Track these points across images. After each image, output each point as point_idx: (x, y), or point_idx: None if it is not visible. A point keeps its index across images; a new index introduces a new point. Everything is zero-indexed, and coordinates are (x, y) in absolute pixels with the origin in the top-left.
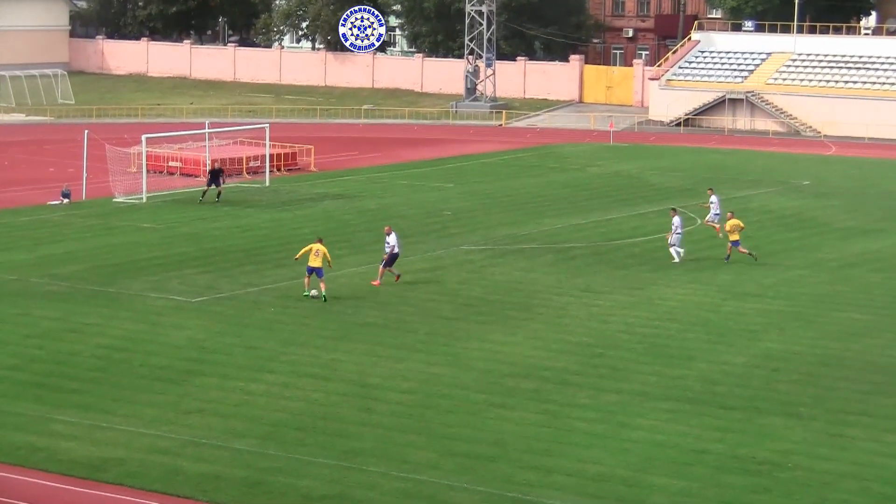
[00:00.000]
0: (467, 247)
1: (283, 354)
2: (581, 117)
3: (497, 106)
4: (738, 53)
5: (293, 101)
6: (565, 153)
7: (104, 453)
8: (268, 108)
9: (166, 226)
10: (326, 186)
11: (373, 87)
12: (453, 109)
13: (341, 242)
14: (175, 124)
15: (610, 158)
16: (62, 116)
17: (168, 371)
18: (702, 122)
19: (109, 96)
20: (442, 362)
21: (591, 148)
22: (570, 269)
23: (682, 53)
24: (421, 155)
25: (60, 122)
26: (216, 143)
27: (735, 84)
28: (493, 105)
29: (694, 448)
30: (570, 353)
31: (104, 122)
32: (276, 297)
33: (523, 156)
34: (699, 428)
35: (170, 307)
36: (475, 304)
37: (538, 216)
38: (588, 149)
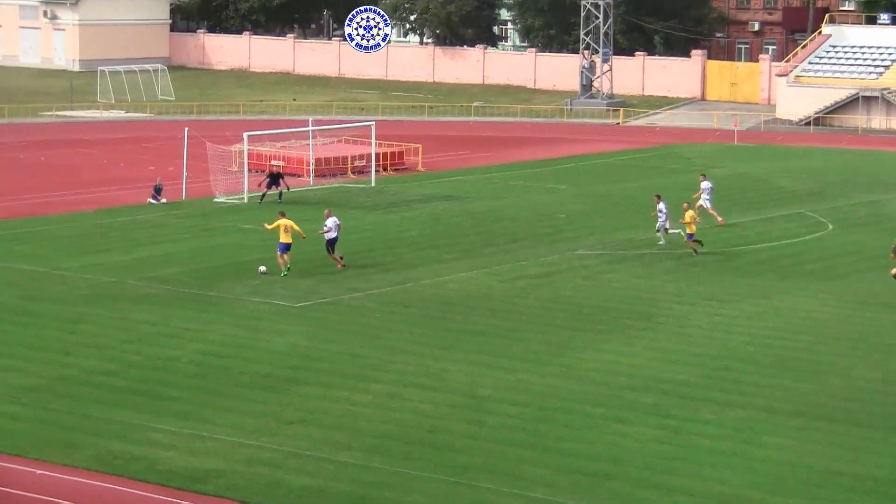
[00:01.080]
0: (582, 252)
1: (389, 363)
2: (703, 116)
3: (614, 103)
4: (873, 48)
5: (400, 97)
6: (686, 154)
7: (204, 464)
8: (374, 105)
9: None
10: (434, 187)
11: (483, 83)
12: (568, 107)
13: (450, 246)
14: (278, 121)
15: (734, 159)
16: (162, 113)
17: (269, 379)
18: (833, 121)
19: (210, 92)
20: (556, 374)
21: (714, 148)
22: (692, 277)
23: (812, 48)
24: (534, 155)
25: (160, 119)
26: (320, 142)
27: (870, 81)
28: (610, 103)
29: (827, 469)
30: (692, 365)
31: (205, 119)
32: (382, 302)
33: (642, 156)
34: (832, 447)
35: (271, 312)
36: (591, 312)
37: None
38: (711, 149)
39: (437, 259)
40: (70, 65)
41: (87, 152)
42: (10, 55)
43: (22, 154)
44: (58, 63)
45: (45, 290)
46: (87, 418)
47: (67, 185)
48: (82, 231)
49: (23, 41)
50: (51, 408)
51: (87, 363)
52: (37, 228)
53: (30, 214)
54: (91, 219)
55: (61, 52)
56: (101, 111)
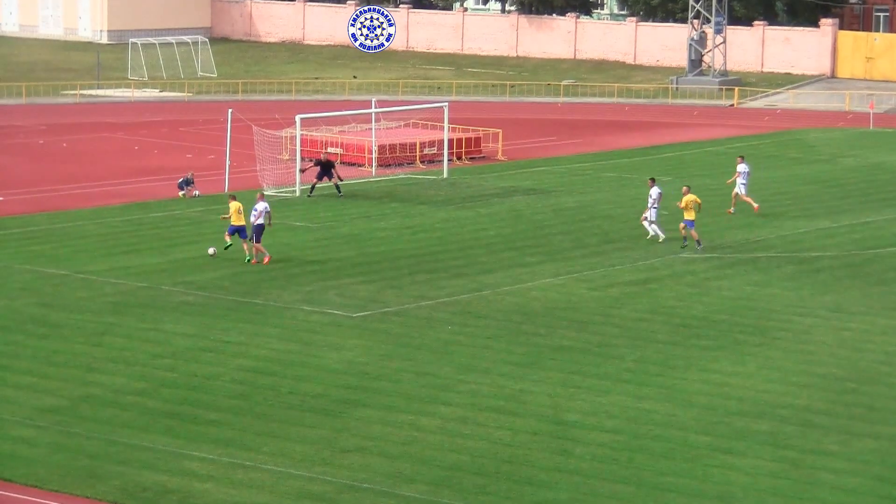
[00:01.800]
0: (688, 255)
1: (461, 383)
2: (833, 96)
3: (728, 82)
4: None
5: (477, 74)
6: (812, 140)
7: (246, 497)
8: (447, 84)
9: (323, 225)
10: (516, 179)
11: (574, 58)
12: (673, 86)
13: (533, 248)
14: (335, 102)
15: (869, 147)
16: (202, 92)
17: (323, 400)
18: None
19: (258, 68)
20: (655, 396)
21: (846, 134)
22: (816, 284)
23: None
24: (632, 142)
25: (200, 100)
26: (384, 126)
27: None
28: (723, 81)
29: None
30: (814, 387)
31: (251, 100)
32: (454, 312)
33: (759, 143)
34: None
35: (326, 323)
36: (696, 325)
37: (777, 218)
38: (841, 135)
39: (517, 263)
40: (97, 36)
41: (115, 137)
42: (27, 25)
43: (42, 139)
44: (83, 34)
45: (67, 297)
46: (113, 444)
47: (93, 176)
48: (109, 229)
49: (42, 9)
50: (72, 432)
51: (114, 381)
52: (57, 225)
53: (50, 209)
54: (119, 214)
55: (87, 22)
56: (132, 90)
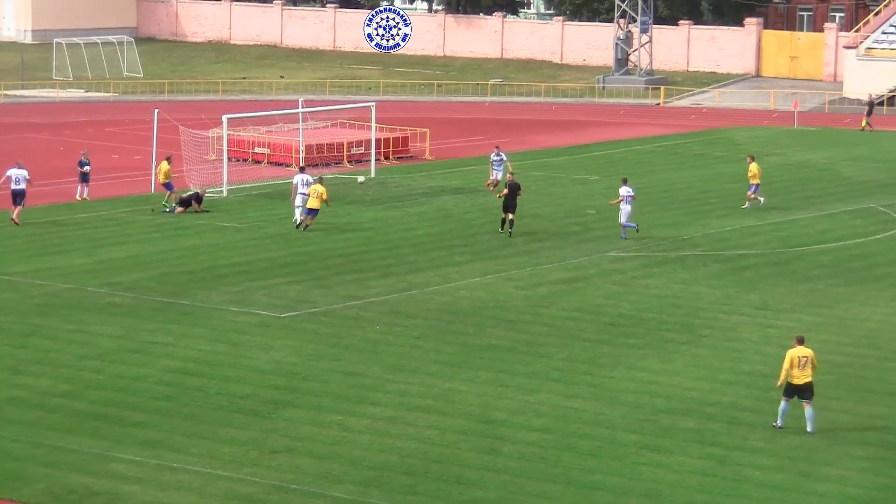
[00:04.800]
0: (615, 253)
1: (389, 383)
2: (758, 95)
3: (654, 81)
4: None
5: (405, 74)
6: (738, 139)
7: (173, 499)
8: (374, 83)
9: (251, 225)
10: (444, 178)
11: (502, 57)
12: (600, 85)
13: (462, 247)
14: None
15: (793, 146)
16: (128, 92)
17: (251, 401)
18: None
19: (184, 68)
20: (583, 394)
21: (771, 133)
22: (742, 282)
23: (887, 16)
24: (559, 140)
25: (126, 100)
26: (311, 126)
27: None
28: (650, 80)
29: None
30: (740, 384)
31: (178, 100)
32: (383, 312)
33: (686, 142)
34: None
35: (254, 324)
36: (624, 323)
37: (703, 216)
38: (766, 134)
39: (446, 262)
40: (21, 36)
41: (40, 138)
42: None
43: None
44: (7, 34)
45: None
46: (39, 447)
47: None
48: (35, 230)
49: None
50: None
51: (40, 383)
52: None
53: None
54: (45, 215)
55: (11, 22)
56: (56, 90)
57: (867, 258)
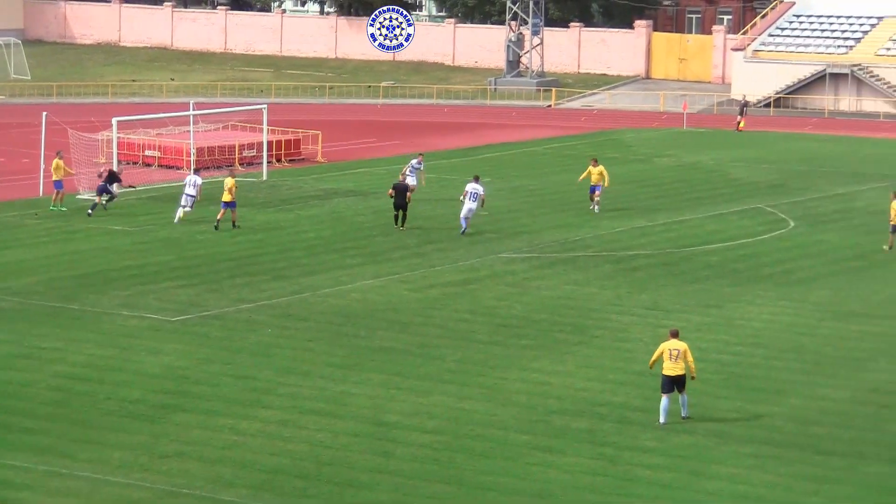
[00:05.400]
0: (507, 255)
1: (281, 386)
2: (648, 96)
3: (545, 83)
4: (842, 18)
5: (297, 76)
6: (628, 140)
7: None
8: (266, 86)
9: (141, 229)
10: (336, 181)
11: (394, 59)
12: (492, 87)
13: (354, 250)
14: (153, 105)
15: (683, 147)
16: (15, 95)
17: (141, 406)
18: (797, 102)
19: (73, 71)
20: (475, 396)
21: (660, 134)
22: (633, 283)
23: (773, 18)
24: (452, 143)
25: (13, 102)
26: (202, 128)
27: (838, 56)
28: (541, 82)
29: (784, 502)
30: (632, 385)
31: (67, 103)
32: (275, 315)
33: (577, 144)
34: (790, 478)
35: (144, 328)
36: (516, 324)
37: (594, 218)
38: (656, 135)
39: (338, 265)
40: None
41: None
42: None
43: None
44: None
45: None
46: None
47: None
48: None
49: None
50: None
51: None
52: None
53: None
54: None
55: None
56: None
57: (754, 258)
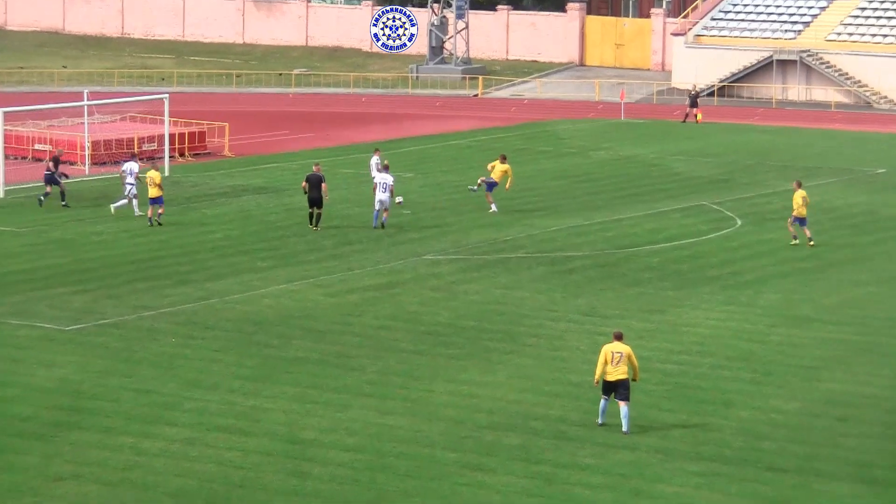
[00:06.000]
0: (432, 256)
1: (187, 400)
2: (582, 85)
3: (472, 70)
4: (789, 1)
5: (201, 63)
6: (561, 132)
7: None
8: (167, 73)
9: (32, 229)
10: (245, 177)
11: (307, 44)
12: (413, 75)
13: (265, 251)
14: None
15: (620, 139)
16: None
17: (32, 423)
18: (742, 90)
19: None
20: (399, 410)
21: (596, 126)
22: (569, 286)
23: (716, 1)
24: (370, 135)
25: None
26: (98, 120)
27: (786, 41)
28: (467, 69)
29: None
30: (568, 397)
31: None
32: (178, 323)
33: (505, 136)
34: (739, 497)
35: (35, 338)
36: (442, 332)
37: (526, 216)
38: (591, 127)
39: (248, 268)
40: None
41: None
42: None
43: None
44: None
45: None
46: None
47: None
48: None
49: None
50: None
51: None
52: None
53: None
54: None
55: None
56: None
57: (698, 259)
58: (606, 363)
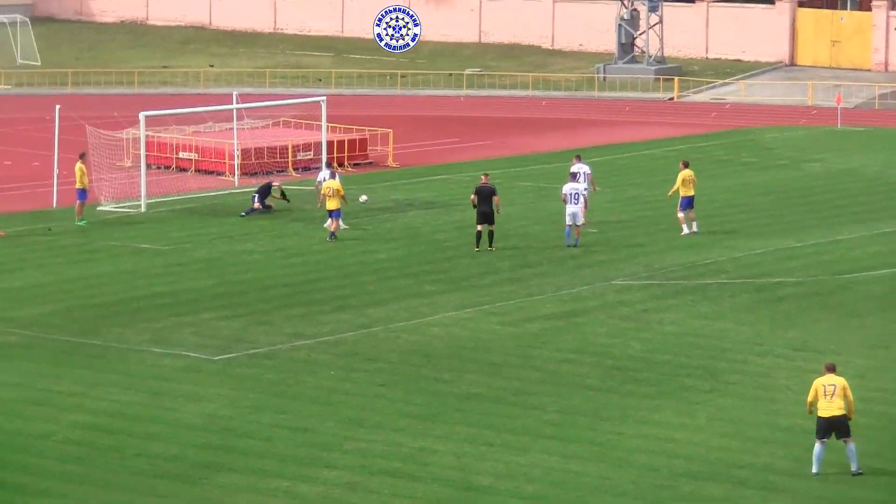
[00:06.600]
0: (622, 281)
1: (347, 441)
2: (793, 87)
3: (666, 70)
4: None
5: (362, 62)
6: (769, 142)
7: None
8: (325, 73)
9: (176, 247)
10: (411, 190)
11: (479, 41)
12: (599, 75)
13: (434, 274)
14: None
15: (837, 150)
16: (22, 84)
17: (178, 464)
18: None
19: (91, 55)
20: (584, 455)
21: (809, 134)
22: (777, 317)
23: None
24: (551, 144)
25: (19, 93)
26: (248, 125)
27: None
28: (660, 69)
29: None
30: (777, 442)
31: (84, 93)
32: (338, 354)
33: (705, 145)
34: None
35: (180, 368)
36: (633, 367)
37: (728, 236)
38: (804, 135)
39: (414, 292)
40: None
41: None
42: None
43: None
44: None
45: None
46: None
47: None
48: None
49: None
50: None
51: None
52: None
53: None
54: None
55: None
56: None
57: None
58: (819, 398)
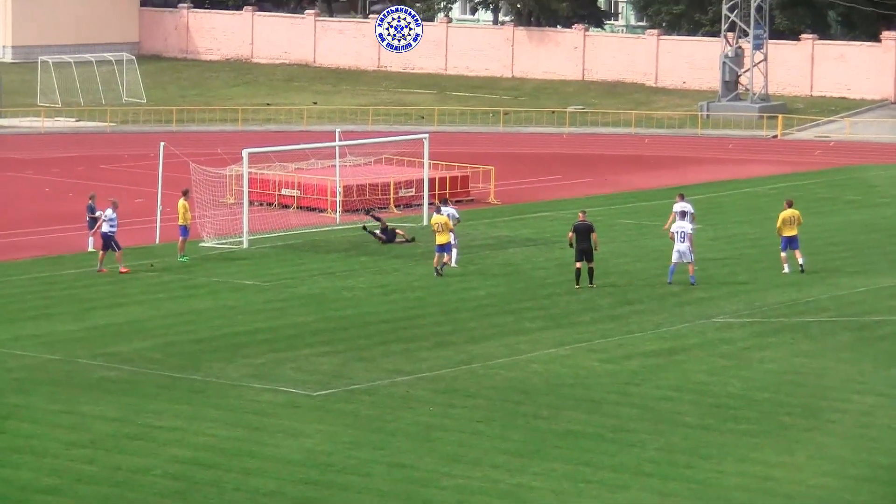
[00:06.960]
0: (722, 318)
1: (445, 477)
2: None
3: (770, 108)
4: None
5: (464, 99)
6: (873, 179)
7: None
8: (427, 110)
9: (276, 283)
10: (512, 227)
11: (583, 79)
12: (703, 113)
13: (533, 311)
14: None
15: None
16: (127, 121)
17: (277, 499)
18: None
19: (196, 93)
20: (682, 493)
21: None
22: (880, 356)
23: None
24: (654, 181)
25: (125, 130)
26: (351, 162)
27: None
28: (764, 107)
29: None
30: (878, 482)
31: (188, 131)
32: (437, 390)
33: (808, 183)
34: None
35: (280, 404)
36: (733, 405)
37: (831, 274)
38: None
39: (514, 329)
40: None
41: (22, 177)
42: None
43: None
44: None
45: None
46: None
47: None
48: (14, 289)
49: None
50: None
51: (20, 476)
52: None
53: None
54: (27, 271)
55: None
56: (41, 119)
57: None
58: None
